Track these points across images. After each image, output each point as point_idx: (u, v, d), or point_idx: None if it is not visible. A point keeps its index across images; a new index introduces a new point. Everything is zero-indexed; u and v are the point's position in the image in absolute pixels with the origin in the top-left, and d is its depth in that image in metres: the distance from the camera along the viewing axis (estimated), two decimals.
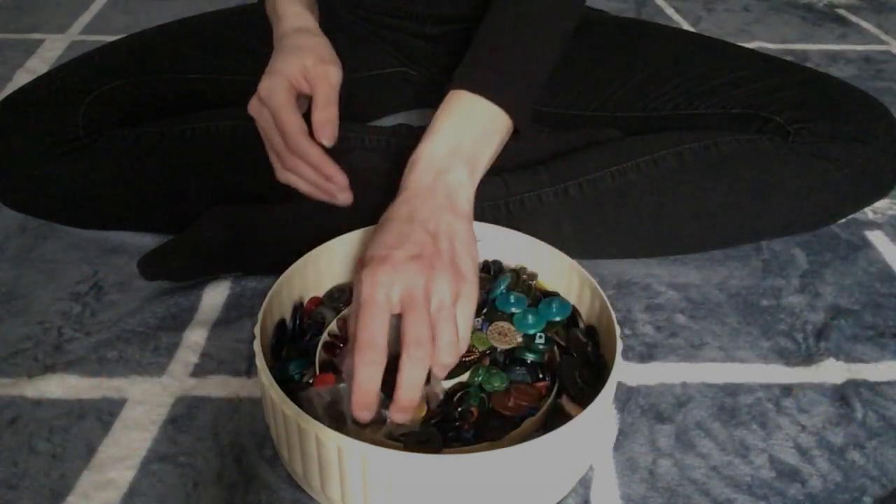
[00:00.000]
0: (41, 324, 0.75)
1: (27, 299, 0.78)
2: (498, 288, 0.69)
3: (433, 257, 0.54)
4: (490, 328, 0.66)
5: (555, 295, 0.69)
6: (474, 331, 0.66)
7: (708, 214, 0.79)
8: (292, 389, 0.55)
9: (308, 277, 0.69)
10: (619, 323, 0.63)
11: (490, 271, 0.73)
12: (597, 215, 0.78)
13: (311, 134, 0.67)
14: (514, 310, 0.67)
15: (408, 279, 0.52)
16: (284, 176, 0.71)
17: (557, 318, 0.66)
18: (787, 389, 0.69)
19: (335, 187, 0.69)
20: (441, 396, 0.57)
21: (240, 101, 0.87)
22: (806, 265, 0.86)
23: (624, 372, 0.71)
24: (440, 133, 0.64)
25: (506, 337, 0.65)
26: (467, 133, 0.64)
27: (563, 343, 0.66)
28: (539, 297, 0.70)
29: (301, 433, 0.53)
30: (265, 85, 0.67)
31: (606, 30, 0.93)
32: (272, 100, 0.66)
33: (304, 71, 0.67)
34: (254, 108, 0.69)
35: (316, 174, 0.69)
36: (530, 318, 0.66)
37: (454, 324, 0.53)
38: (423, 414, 0.57)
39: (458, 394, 0.60)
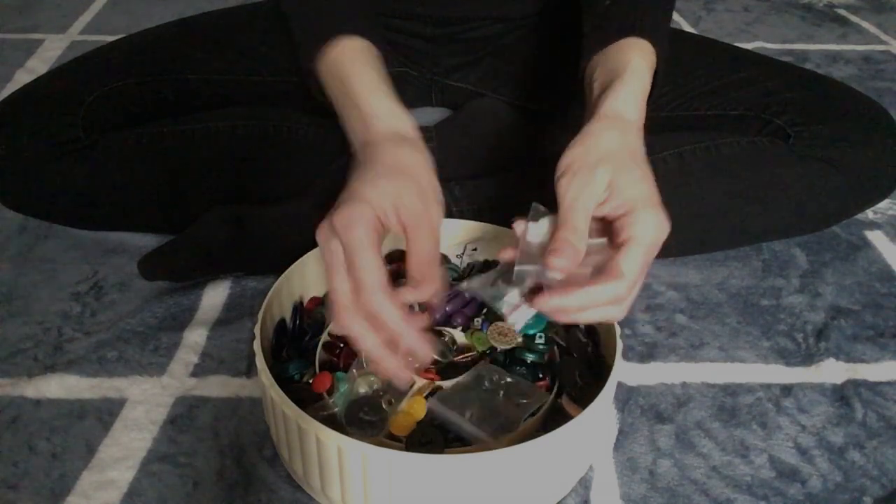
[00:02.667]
0: (41, 324, 0.75)
1: (27, 299, 0.78)
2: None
3: None
4: (490, 328, 0.66)
5: None
6: (474, 331, 0.66)
7: (708, 216, 0.79)
8: (292, 389, 0.55)
9: (308, 277, 0.69)
10: (619, 323, 0.63)
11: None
12: None
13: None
14: None
15: None
16: (342, 328, 0.52)
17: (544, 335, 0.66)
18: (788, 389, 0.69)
19: (401, 369, 0.52)
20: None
21: (240, 101, 0.87)
22: (806, 265, 0.86)
23: (624, 372, 0.71)
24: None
25: (506, 337, 0.65)
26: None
27: (563, 343, 0.66)
28: None
29: (301, 433, 0.53)
30: (345, 213, 0.51)
31: None
32: (349, 234, 0.50)
33: (398, 207, 0.53)
34: (323, 234, 0.52)
35: (384, 342, 0.52)
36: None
37: None
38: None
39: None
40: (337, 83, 0.63)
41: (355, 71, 0.63)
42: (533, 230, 0.55)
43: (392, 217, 0.53)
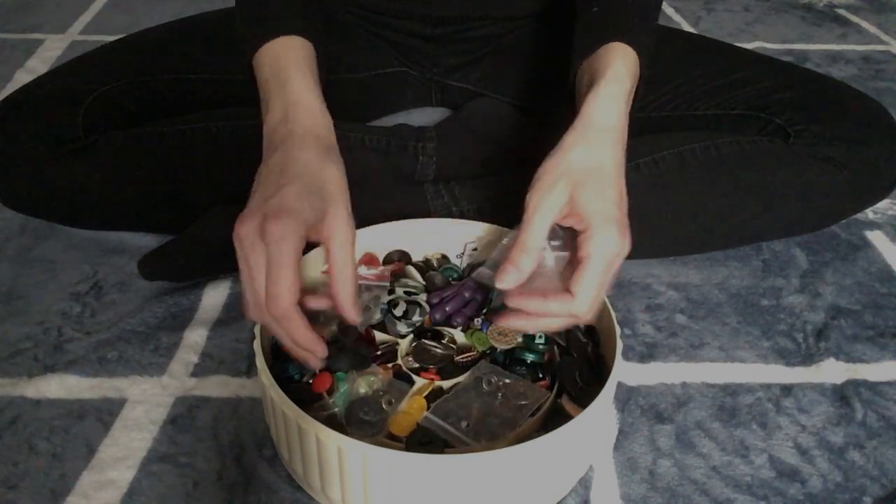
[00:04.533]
0: (41, 324, 0.75)
1: (27, 299, 0.78)
2: None
3: None
4: (490, 328, 0.66)
5: None
6: (474, 331, 0.66)
7: (708, 215, 0.79)
8: (292, 389, 0.55)
9: (308, 277, 0.69)
10: (619, 323, 0.63)
11: None
12: None
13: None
14: None
15: None
16: (256, 321, 0.57)
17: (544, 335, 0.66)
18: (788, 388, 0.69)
19: (311, 357, 0.57)
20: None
21: (240, 101, 0.87)
22: (806, 265, 0.86)
23: (624, 372, 0.71)
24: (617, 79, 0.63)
25: (506, 337, 0.65)
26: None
27: (563, 343, 0.66)
28: None
29: (301, 433, 0.53)
30: (278, 226, 0.53)
31: None
32: (279, 247, 0.53)
33: (322, 221, 0.55)
34: (247, 236, 0.54)
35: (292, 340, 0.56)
36: None
37: None
38: None
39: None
40: (269, 73, 0.65)
41: (291, 65, 0.64)
42: (500, 247, 0.59)
43: (314, 233, 0.55)
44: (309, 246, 0.56)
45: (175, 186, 0.81)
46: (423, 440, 0.56)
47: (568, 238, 0.59)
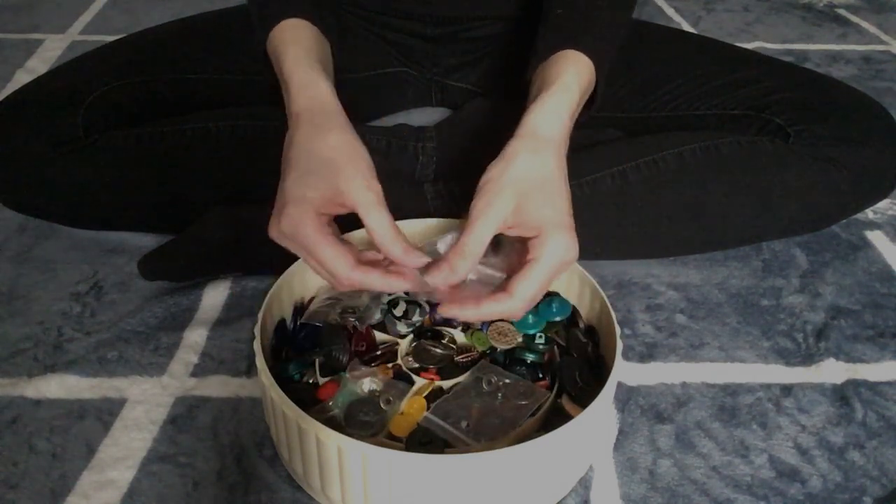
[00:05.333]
0: (41, 324, 0.75)
1: (27, 299, 0.78)
2: None
3: None
4: (490, 328, 0.66)
5: (555, 295, 0.69)
6: (474, 331, 0.66)
7: (708, 215, 0.79)
8: (292, 389, 0.55)
9: (308, 277, 0.69)
10: (619, 323, 0.63)
11: None
12: (597, 216, 0.78)
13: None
14: None
15: None
16: (344, 288, 0.58)
17: (557, 318, 0.66)
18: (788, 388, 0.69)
19: (410, 276, 0.57)
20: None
21: (240, 101, 0.87)
22: (806, 265, 0.86)
23: (624, 372, 0.71)
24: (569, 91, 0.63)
25: (506, 337, 0.65)
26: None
27: (563, 343, 0.66)
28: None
29: (301, 433, 0.53)
30: (288, 219, 0.55)
31: None
32: (299, 238, 0.55)
33: (337, 196, 0.56)
34: (277, 236, 0.57)
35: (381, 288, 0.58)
36: (530, 318, 0.66)
37: None
38: None
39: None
40: (276, 63, 0.66)
41: (287, 48, 0.64)
42: (446, 240, 0.60)
43: (335, 206, 0.56)
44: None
45: (175, 186, 0.81)
46: (423, 440, 0.56)
47: (505, 257, 0.60)
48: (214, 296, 0.78)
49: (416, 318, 0.67)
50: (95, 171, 0.79)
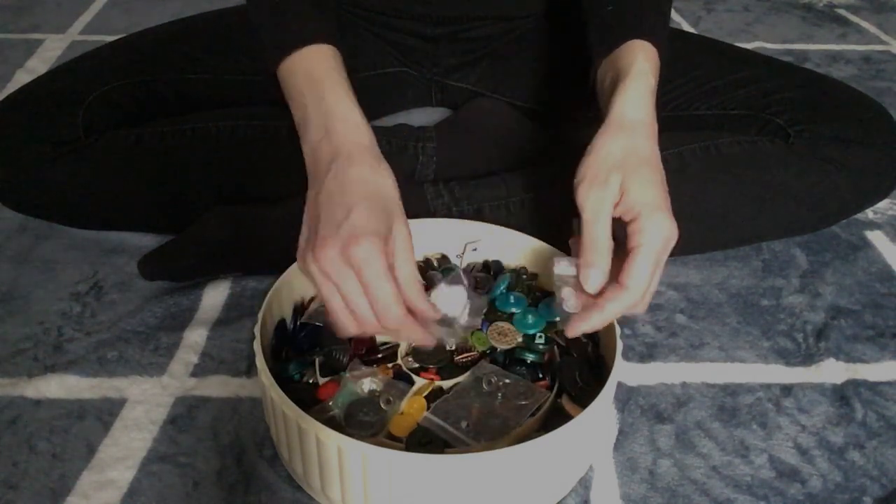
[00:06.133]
0: (41, 324, 0.75)
1: (27, 299, 0.78)
2: (498, 288, 0.69)
3: None
4: (490, 328, 0.66)
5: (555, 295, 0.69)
6: (474, 331, 0.66)
7: (708, 215, 0.79)
8: (292, 389, 0.55)
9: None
10: (619, 323, 0.63)
11: (490, 271, 0.73)
12: None
13: None
14: (514, 310, 0.67)
15: None
16: (355, 333, 0.57)
17: (558, 318, 0.66)
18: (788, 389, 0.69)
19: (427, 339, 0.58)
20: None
21: (240, 101, 0.87)
22: (806, 265, 0.86)
23: (624, 372, 0.71)
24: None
25: (506, 337, 0.65)
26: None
27: (563, 343, 0.66)
28: (539, 297, 0.70)
29: (301, 433, 0.53)
30: (361, 253, 0.52)
31: None
32: (369, 271, 0.53)
33: (388, 236, 0.55)
34: (330, 265, 0.53)
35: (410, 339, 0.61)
36: (530, 318, 0.66)
37: None
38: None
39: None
40: (304, 83, 0.63)
41: (326, 76, 0.63)
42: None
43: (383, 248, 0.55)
44: None
45: (175, 186, 0.81)
46: (423, 440, 0.56)
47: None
48: (214, 296, 0.78)
49: None
50: (95, 171, 0.79)
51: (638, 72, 0.63)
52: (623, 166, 0.58)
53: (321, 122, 0.61)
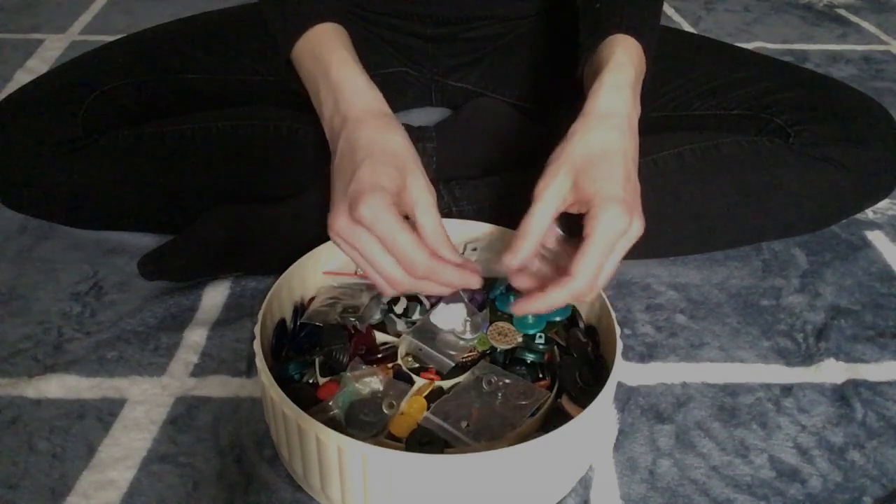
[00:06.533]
0: (41, 324, 0.75)
1: (27, 299, 0.78)
2: (497, 288, 0.69)
3: None
4: (490, 328, 0.66)
5: None
6: None
7: (708, 216, 0.79)
8: (292, 389, 0.55)
9: (308, 278, 0.69)
10: (619, 323, 0.63)
11: None
12: None
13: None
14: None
15: None
16: (394, 293, 0.59)
17: (557, 319, 0.66)
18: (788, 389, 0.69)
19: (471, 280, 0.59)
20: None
21: (240, 101, 0.87)
22: (806, 265, 0.86)
23: (624, 372, 0.71)
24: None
25: (506, 337, 0.65)
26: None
27: (563, 343, 0.66)
28: None
29: (301, 433, 0.53)
30: (368, 205, 0.53)
31: None
32: (381, 224, 0.54)
33: (402, 191, 0.57)
34: (344, 229, 0.55)
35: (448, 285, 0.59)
36: (530, 318, 0.66)
37: None
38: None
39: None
40: (312, 64, 0.66)
41: (330, 52, 0.65)
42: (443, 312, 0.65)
43: (398, 203, 0.56)
44: None
45: (175, 186, 0.81)
46: (423, 440, 0.56)
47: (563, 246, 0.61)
48: (214, 296, 0.78)
49: (416, 316, 0.67)
50: (95, 171, 0.79)
51: (615, 64, 0.63)
52: (575, 159, 0.58)
53: (330, 96, 0.63)
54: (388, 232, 0.54)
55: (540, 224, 0.57)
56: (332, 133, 0.62)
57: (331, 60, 0.64)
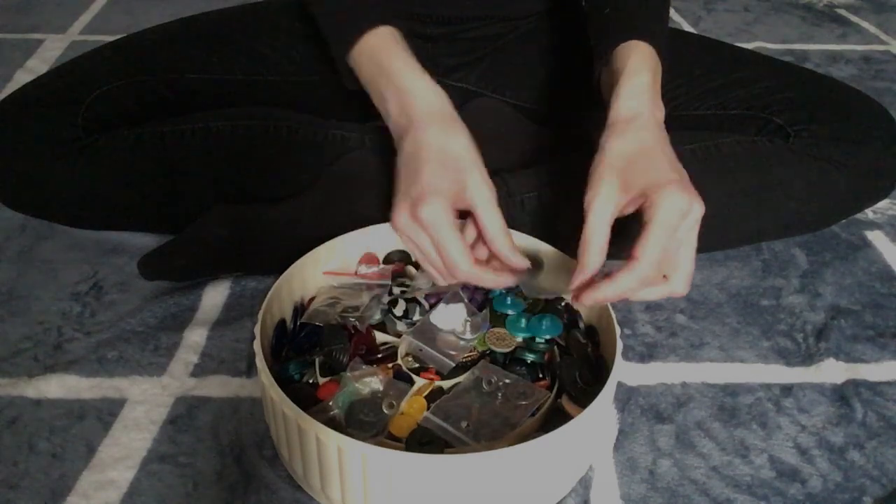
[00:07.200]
0: (41, 324, 0.75)
1: (27, 299, 0.78)
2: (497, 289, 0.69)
3: None
4: (489, 333, 0.66)
5: (550, 313, 0.69)
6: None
7: (708, 215, 0.79)
8: (292, 389, 0.55)
9: (308, 278, 0.69)
10: (619, 323, 0.63)
11: None
12: None
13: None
14: (510, 311, 0.67)
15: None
16: (444, 283, 0.64)
17: (547, 336, 0.65)
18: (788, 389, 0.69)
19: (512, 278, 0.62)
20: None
21: (240, 102, 0.87)
22: (806, 265, 0.86)
23: (624, 372, 0.71)
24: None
25: (504, 341, 0.65)
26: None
27: (563, 343, 0.66)
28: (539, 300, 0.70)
29: (301, 433, 0.53)
30: (427, 209, 0.58)
31: None
32: (436, 228, 0.59)
33: (462, 192, 0.60)
34: (405, 226, 0.61)
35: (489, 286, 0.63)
36: (523, 323, 0.66)
37: None
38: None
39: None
40: (373, 68, 0.68)
41: (391, 55, 0.67)
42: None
43: (459, 201, 0.60)
44: None
45: (175, 186, 0.81)
46: (423, 440, 0.56)
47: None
48: (214, 296, 0.78)
49: (416, 316, 0.67)
50: (95, 171, 0.79)
51: (631, 71, 0.65)
52: (616, 162, 0.59)
53: (396, 100, 0.66)
54: (441, 237, 0.58)
55: (598, 234, 0.58)
56: (397, 134, 0.66)
57: (392, 64, 0.67)
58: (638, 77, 0.64)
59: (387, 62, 0.67)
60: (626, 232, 0.60)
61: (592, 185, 0.59)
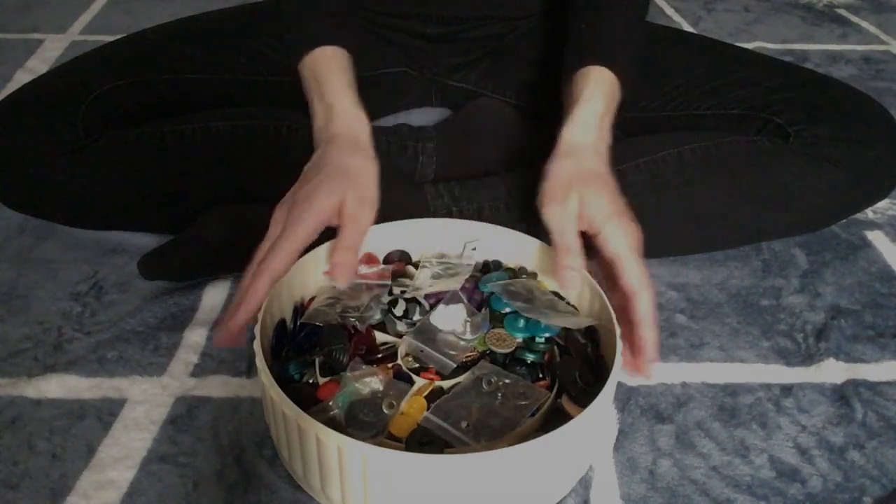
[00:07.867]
0: (41, 324, 0.75)
1: (27, 299, 0.78)
2: (489, 281, 0.69)
3: None
4: (488, 334, 0.66)
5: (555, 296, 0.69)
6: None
7: (708, 215, 0.79)
8: (292, 389, 0.55)
9: (308, 277, 0.69)
10: (619, 323, 0.63)
11: (490, 271, 0.73)
12: None
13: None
14: (507, 310, 0.67)
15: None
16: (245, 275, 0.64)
17: (546, 335, 0.65)
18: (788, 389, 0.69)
19: (230, 326, 0.60)
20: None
21: (240, 102, 0.87)
22: (806, 265, 0.86)
23: (624, 372, 0.71)
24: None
25: (504, 342, 0.65)
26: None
27: (563, 343, 0.66)
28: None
29: (301, 433, 0.53)
30: (297, 213, 0.62)
31: None
32: (293, 230, 0.61)
33: (340, 207, 0.63)
34: (277, 216, 0.64)
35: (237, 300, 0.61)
36: (522, 323, 0.66)
37: None
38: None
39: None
40: (312, 82, 0.74)
41: (327, 74, 0.73)
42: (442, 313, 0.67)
43: (334, 215, 0.63)
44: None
45: (175, 186, 0.81)
46: (423, 440, 0.56)
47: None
48: (214, 296, 0.78)
49: (416, 316, 0.67)
50: (95, 171, 0.79)
51: (586, 98, 0.70)
52: (576, 183, 0.64)
53: (322, 115, 0.71)
54: (292, 234, 0.61)
55: (575, 242, 0.62)
56: (316, 142, 0.71)
57: (326, 81, 0.73)
58: (589, 106, 0.70)
59: (322, 79, 0.73)
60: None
61: (556, 198, 0.64)
